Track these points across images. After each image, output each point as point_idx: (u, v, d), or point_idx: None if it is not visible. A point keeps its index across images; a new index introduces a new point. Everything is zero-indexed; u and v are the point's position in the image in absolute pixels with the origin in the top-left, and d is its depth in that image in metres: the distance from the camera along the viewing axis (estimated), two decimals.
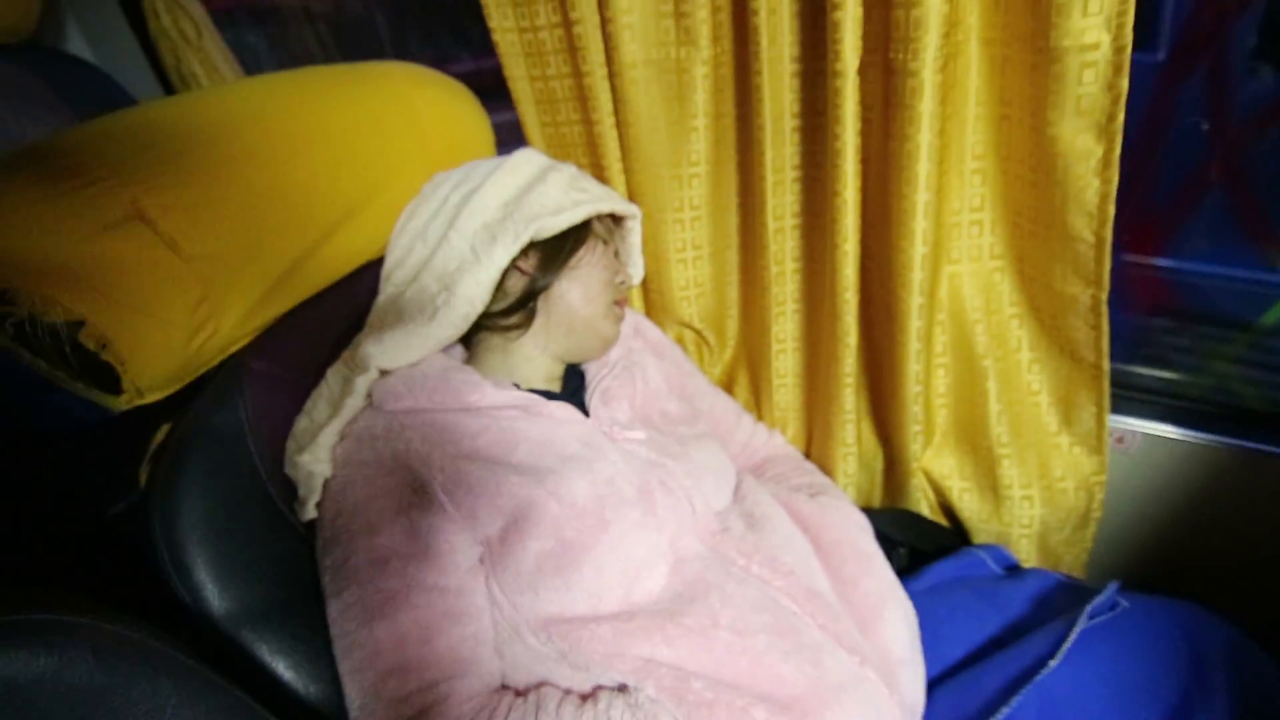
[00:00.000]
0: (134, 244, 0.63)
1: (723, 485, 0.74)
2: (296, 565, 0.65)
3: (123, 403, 0.65)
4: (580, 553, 0.61)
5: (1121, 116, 0.62)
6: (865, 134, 0.73)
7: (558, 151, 0.92)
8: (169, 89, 1.41)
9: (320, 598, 0.63)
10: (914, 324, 0.77)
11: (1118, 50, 0.59)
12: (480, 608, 0.62)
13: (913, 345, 0.79)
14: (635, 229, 0.87)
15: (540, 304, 0.75)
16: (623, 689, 0.60)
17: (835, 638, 0.63)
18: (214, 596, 0.62)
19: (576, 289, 0.75)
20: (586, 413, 0.74)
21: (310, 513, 0.66)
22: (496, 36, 0.85)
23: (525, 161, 0.77)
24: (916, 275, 0.74)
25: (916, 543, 0.91)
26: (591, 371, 0.78)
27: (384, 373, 0.71)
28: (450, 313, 0.71)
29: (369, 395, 0.69)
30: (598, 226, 0.79)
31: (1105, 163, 0.64)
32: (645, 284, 0.96)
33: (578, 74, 0.83)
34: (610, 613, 0.62)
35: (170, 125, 0.73)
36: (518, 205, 0.73)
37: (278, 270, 0.75)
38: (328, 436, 0.67)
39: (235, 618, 0.62)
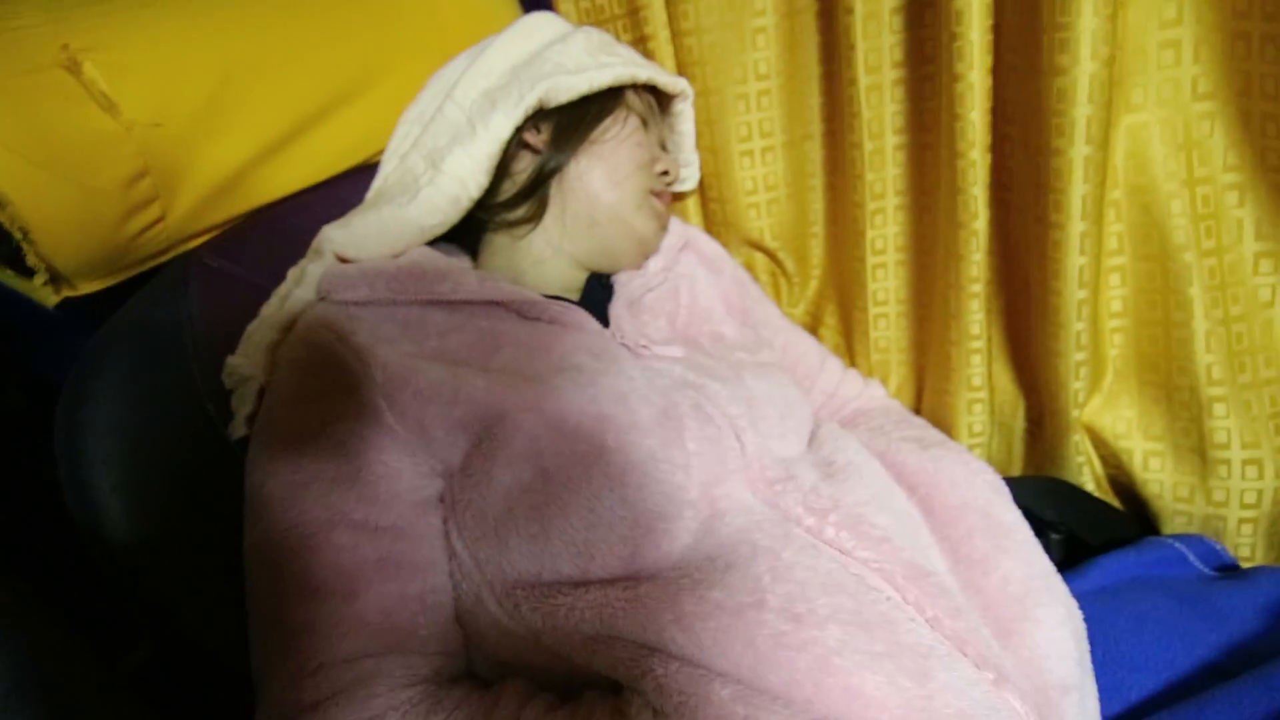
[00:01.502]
0: (56, 95, 0.54)
1: (789, 426, 0.54)
2: (226, 494, 0.51)
3: (44, 289, 0.55)
4: (565, 490, 0.43)
5: None
6: None
7: (591, 18, 0.75)
8: None
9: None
10: (1078, 190, 0.53)
11: None
12: (430, 560, 0.45)
13: (1075, 226, 0.54)
14: (686, 113, 0.69)
15: (554, 190, 0.60)
16: (616, 690, 0.40)
17: (955, 641, 0.41)
18: (116, 516, 0.50)
19: (599, 170, 0.59)
20: (607, 324, 0.56)
21: (240, 429, 0.51)
22: None
23: (544, 24, 0.63)
24: (1082, 110, 0.50)
25: (1077, 528, 0.65)
26: (622, 281, 0.61)
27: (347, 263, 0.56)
28: (435, 193, 0.56)
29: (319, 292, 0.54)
30: (634, 101, 0.62)
31: None
32: (703, 189, 0.77)
33: None
34: (602, 579, 0.43)
35: None
36: (527, 67, 0.58)
37: (246, 155, 0.64)
38: (262, 334, 0.53)
39: (137, 542, 0.50)
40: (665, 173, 0.63)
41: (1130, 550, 0.59)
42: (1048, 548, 0.63)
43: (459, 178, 0.57)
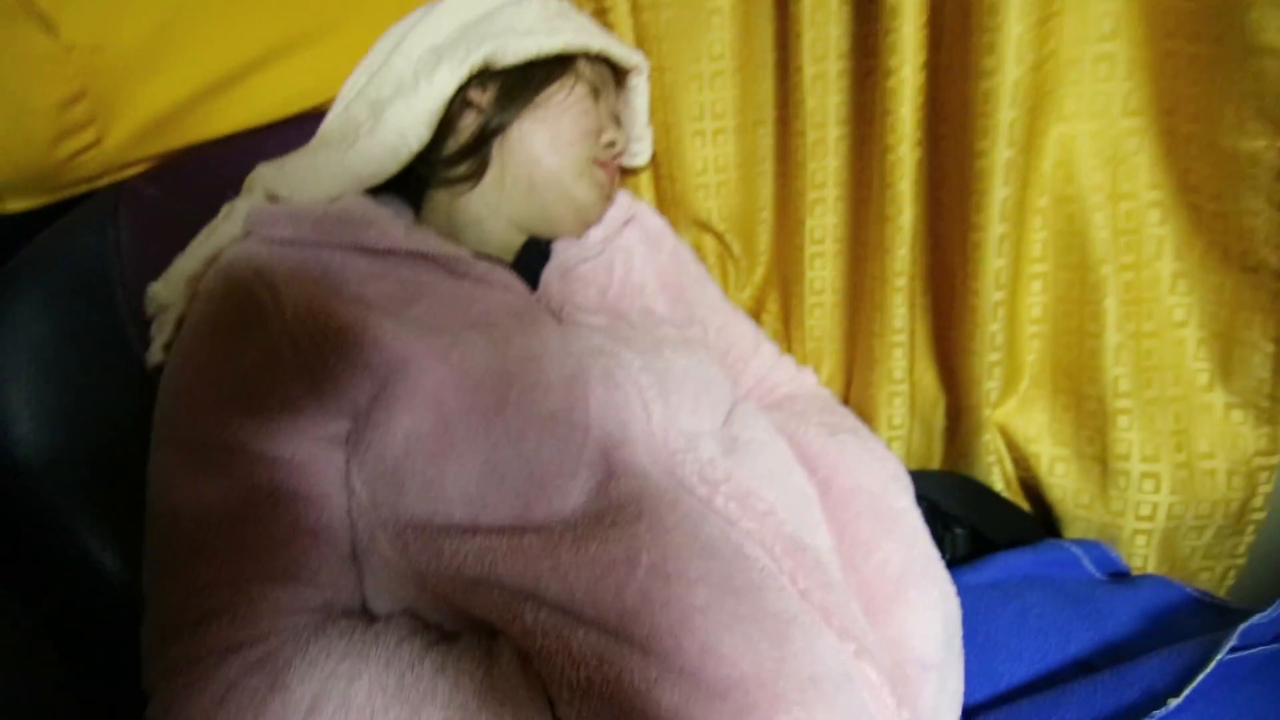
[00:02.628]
0: None
1: (704, 402, 0.54)
2: (139, 419, 0.51)
3: None
4: (464, 440, 0.44)
5: None
6: None
7: None
8: None
9: None
10: (998, 192, 0.54)
11: None
12: (325, 495, 0.46)
13: (995, 228, 0.55)
14: (640, 88, 0.70)
15: (496, 150, 0.60)
16: (493, 635, 0.42)
17: (821, 612, 0.43)
18: (24, 432, 0.50)
19: (541, 133, 0.59)
20: (536, 288, 0.57)
21: (157, 355, 0.52)
22: None
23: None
24: (1006, 114, 0.51)
25: (981, 525, 0.66)
26: (559, 248, 0.61)
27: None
28: (373, 143, 0.57)
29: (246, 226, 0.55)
30: (585, 69, 0.62)
31: None
32: (655, 165, 0.78)
33: None
34: (490, 527, 0.44)
35: None
36: (477, 26, 0.58)
37: (191, 86, 0.63)
38: (185, 264, 0.53)
39: (50, 463, 0.51)
40: (611, 144, 0.63)
41: (1028, 550, 0.61)
42: (953, 542, 0.66)
43: (399, 129, 0.57)
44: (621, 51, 0.64)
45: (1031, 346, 0.64)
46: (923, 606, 0.48)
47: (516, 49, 0.57)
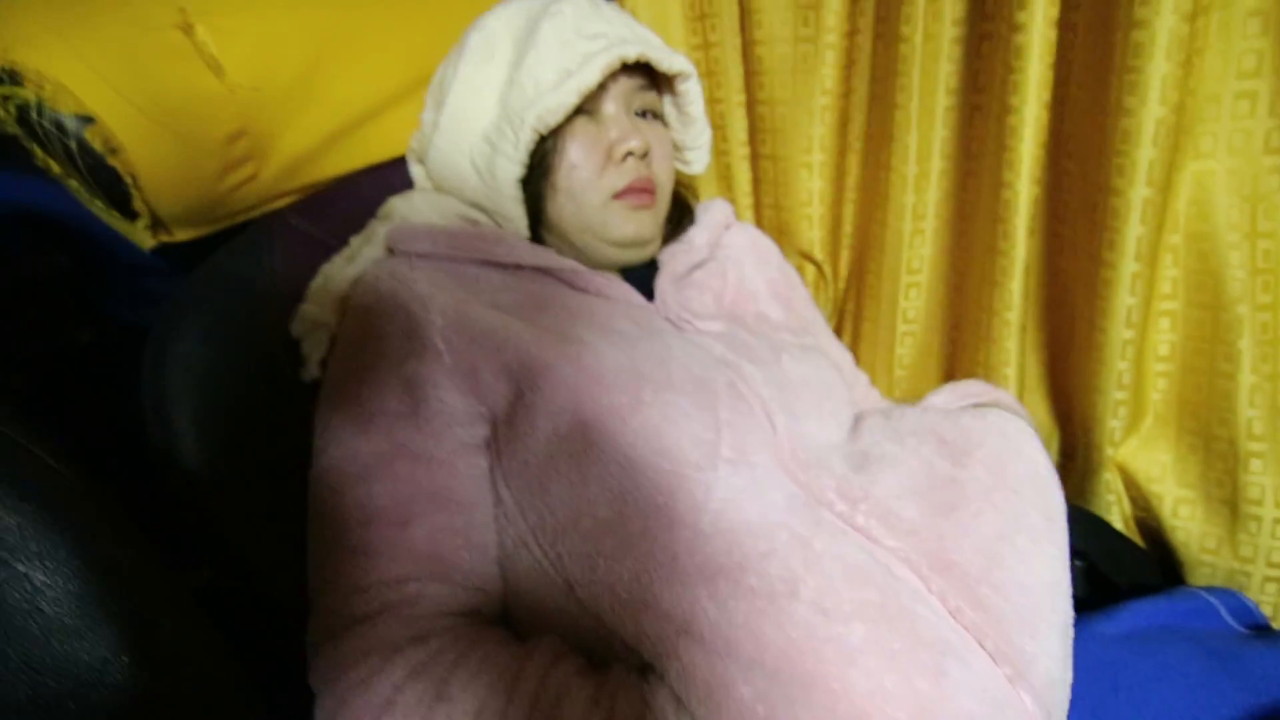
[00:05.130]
0: (171, 54, 0.58)
1: (827, 410, 0.54)
2: (286, 435, 0.55)
3: (144, 232, 0.59)
4: (602, 438, 0.46)
5: None
6: None
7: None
8: None
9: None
10: (1133, 230, 0.53)
11: None
12: (474, 499, 0.49)
13: (1128, 266, 0.55)
14: (692, 93, 0.61)
15: (547, 190, 0.58)
16: (644, 671, 0.43)
17: (975, 632, 0.42)
18: (190, 446, 0.54)
19: (559, 190, 0.57)
20: (652, 298, 0.59)
21: (313, 371, 0.56)
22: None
23: (502, 31, 0.59)
24: (1145, 152, 0.51)
25: (1101, 561, 0.65)
26: (666, 257, 0.62)
27: None
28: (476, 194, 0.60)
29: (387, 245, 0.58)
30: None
31: None
32: (757, 194, 0.79)
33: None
34: (639, 530, 0.44)
35: None
36: (509, 91, 0.56)
37: (335, 124, 0.68)
38: (337, 285, 0.56)
39: (211, 474, 0.54)
40: (629, 154, 0.56)
41: (1161, 598, 0.58)
42: (1072, 576, 0.64)
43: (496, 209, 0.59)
44: (661, 56, 0.57)
45: (1158, 385, 0.63)
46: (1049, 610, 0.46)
47: (557, 108, 0.53)
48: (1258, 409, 0.59)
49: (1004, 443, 0.52)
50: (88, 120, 0.53)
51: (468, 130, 0.58)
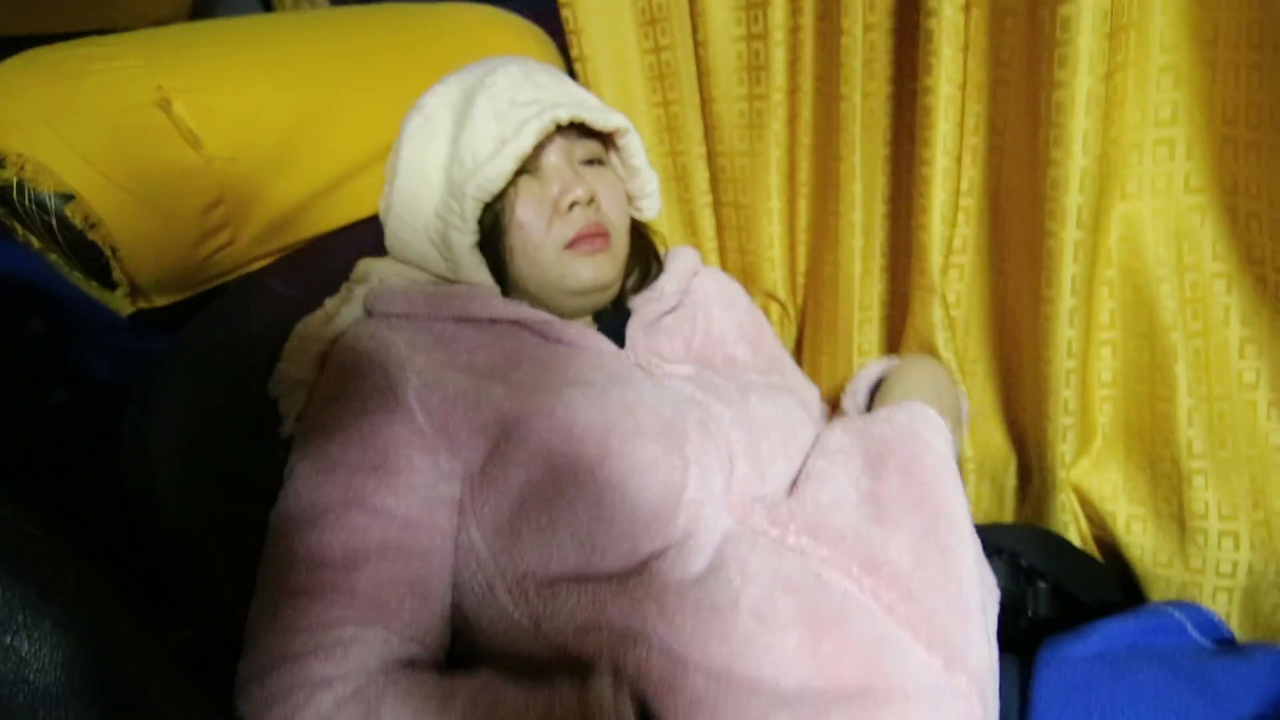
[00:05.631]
0: (149, 131, 0.60)
1: (793, 447, 0.57)
2: (268, 494, 0.56)
3: (123, 300, 0.61)
4: (572, 487, 0.48)
5: None
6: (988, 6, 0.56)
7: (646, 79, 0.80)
8: None
9: None
10: (1068, 269, 0.57)
11: None
12: (428, 551, 0.50)
13: (1065, 302, 0.59)
14: (633, 147, 0.63)
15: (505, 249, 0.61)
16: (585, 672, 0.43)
17: (910, 626, 0.45)
18: (173, 508, 0.56)
19: (514, 247, 0.60)
20: (623, 344, 0.61)
21: (290, 427, 0.57)
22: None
23: (440, 107, 0.62)
24: (1073, 199, 0.55)
25: (1066, 580, 0.67)
26: (637, 304, 0.65)
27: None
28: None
29: (366, 307, 0.60)
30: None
31: None
32: (722, 238, 0.82)
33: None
34: (602, 573, 0.47)
35: (218, 33, 0.71)
36: (451, 167, 0.59)
37: (312, 188, 0.70)
38: (314, 345, 0.59)
39: (195, 537, 0.56)
40: (574, 203, 0.58)
41: (1129, 616, 0.59)
42: (1035, 596, 0.67)
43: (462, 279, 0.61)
44: (595, 116, 0.59)
45: (1103, 409, 0.66)
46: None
47: (495, 176, 0.56)
48: (1196, 429, 0.62)
49: (915, 444, 0.53)
50: (68, 198, 0.54)
51: (419, 209, 0.61)
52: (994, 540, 0.62)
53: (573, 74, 0.80)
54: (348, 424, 0.51)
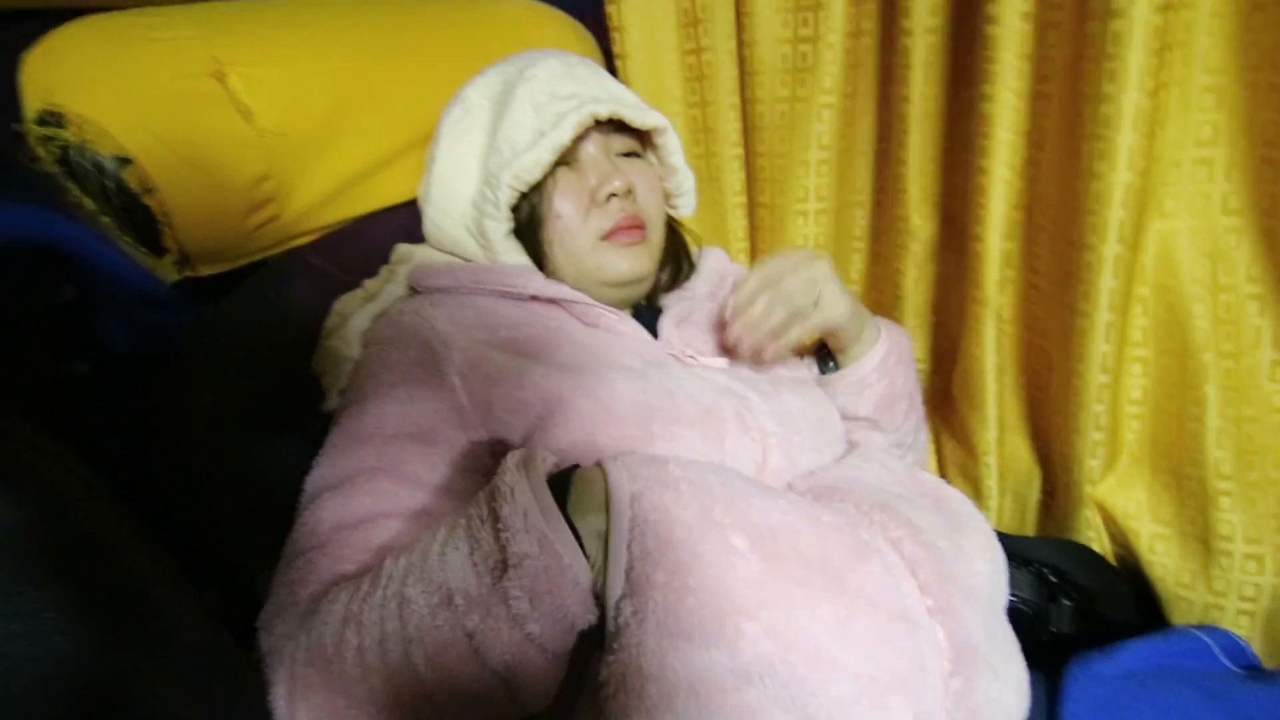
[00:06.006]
0: (204, 101, 0.61)
1: (823, 441, 0.58)
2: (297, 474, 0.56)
3: (170, 267, 0.61)
4: None
5: None
6: (1038, 21, 0.57)
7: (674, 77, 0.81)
8: None
9: None
10: (1106, 283, 0.58)
11: None
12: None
13: (1102, 316, 0.59)
14: (670, 145, 0.65)
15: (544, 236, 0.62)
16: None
17: (910, 563, 0.44)
18: (211, 484, 0.55)
19: (553, 238, 0.61)
20: (656, 336, 0.62)
21: (333, 401, 0.57)
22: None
23: (479, 99, 0.63)
24: (1116, 213, 0.55)
25: (1099, 598, 0.66)
26: (670, 301, 0.66)
27: None
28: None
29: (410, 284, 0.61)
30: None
31: None
32: (754, 241, 0.83)
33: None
34: None
35: (270, 10, 0.73)
36: (491, 157, 0.60)
37: (354, 168, 0.71)
38: (359, 320, 0.59)
39: (231, 510, 0.56)
40: (612, 195, 0.59)
41: (1158, 637, 0.59)
42: (1059, 613, 0.66)
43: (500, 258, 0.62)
44: (634, 113, 0.60)
45: (1132, 426, 0.66)
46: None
47: (533, 165, 0.57)
48: (1225, 450, 0.63)
49: (948, 492, 0.56)
50: (125, 161, 0.55)
51: (457, 198, 0.62)
52: (1027, 552, 0.62)
53: (613, 70, 0.81)
54: (387, 395, 0.52)
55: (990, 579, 0.49)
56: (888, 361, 0.64)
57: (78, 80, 0.55)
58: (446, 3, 0.85)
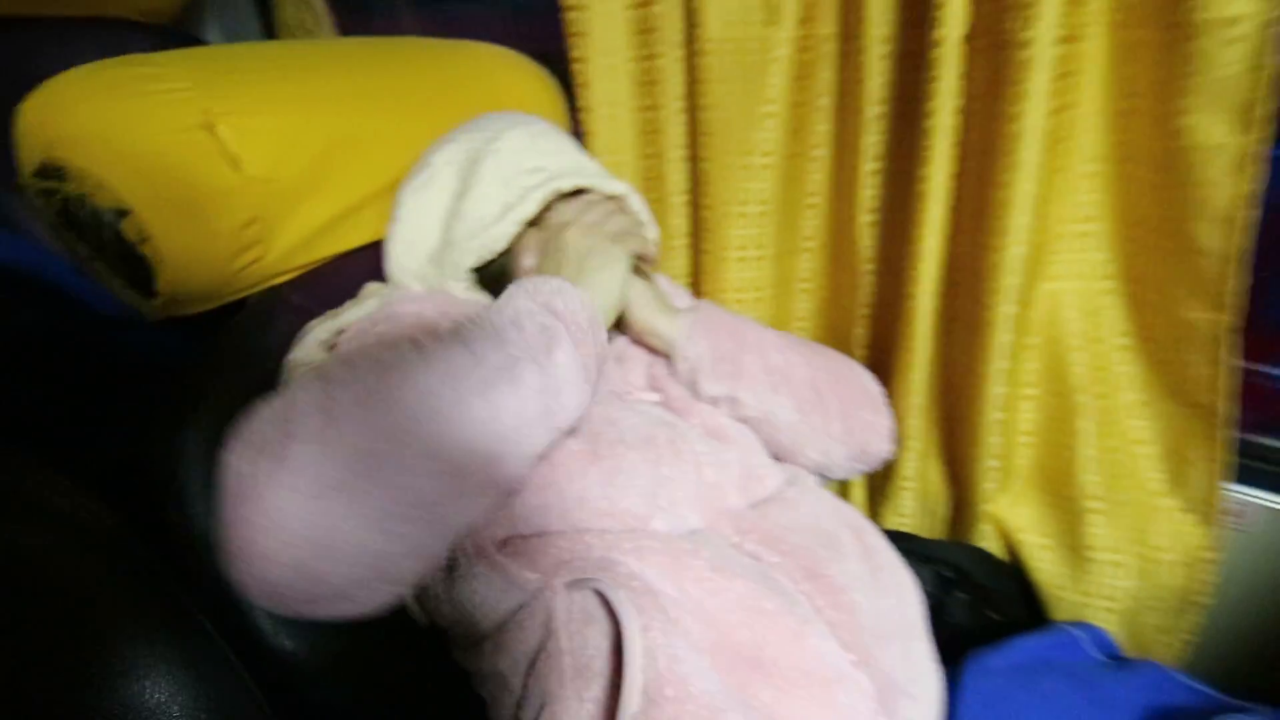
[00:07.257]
0: (196, 152, 0.64)
1: (754, 464, 0.63)
2: None
3: (157, 308, 0.65)
4: (565, 480, 0.54)
5: (1267, 105, 0.53)
6: (965, 115, 0.66)
7: (619, 137, 0.88)
8: None
9: None
10: (1001, 338, 0.68)
11: (1265, 24, 0.51)
12: None
13: (996, 364, 0.69)
14: (634, 205, 0.69)
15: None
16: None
17: (831, 626, 0.51)
18: (203, 521, 0.58)
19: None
20: None
21: None
22: (571, 14, 0.80)
23: (443, 165, 0.67)
24: (1011, 280, 0.65)
25: (994, 594, 0.77)
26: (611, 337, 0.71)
27: None
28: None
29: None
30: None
31: (1242, 159, 0.55)
32: (697, 282, 0.91)
33: (651, 56, 0.80)
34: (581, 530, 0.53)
35: (257, 58, 0.75)
36: (452, 226, 0.65)
37: (334, 210, 0.75)
38: (320, 332, 0.62)
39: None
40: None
41: (1037, 633, 0.69)
42: (952, 605, 0.76)
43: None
44: (599, 183, 0.65)
45: (1024, 454, 0.78)
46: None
47: (500, 237, 0.62)
48: (1095, 474, 0.74)
49: (865, 524, 0.62)
50: (124, 213, 0.58)
51: (415, 252, 0.67)
52: (928, 551, 0.72)
53: (572, 75, 0.84)
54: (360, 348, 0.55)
55: (900, 609, 0.56)
56: (694, 331, 0.66)
57: (78, 135, 0.58)
58: (424, 53, 0.89)
